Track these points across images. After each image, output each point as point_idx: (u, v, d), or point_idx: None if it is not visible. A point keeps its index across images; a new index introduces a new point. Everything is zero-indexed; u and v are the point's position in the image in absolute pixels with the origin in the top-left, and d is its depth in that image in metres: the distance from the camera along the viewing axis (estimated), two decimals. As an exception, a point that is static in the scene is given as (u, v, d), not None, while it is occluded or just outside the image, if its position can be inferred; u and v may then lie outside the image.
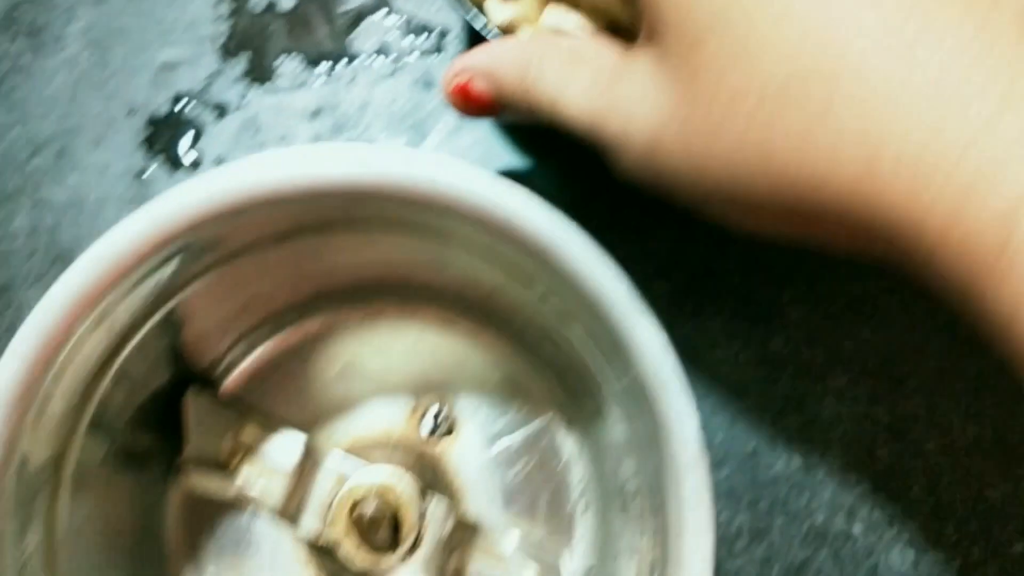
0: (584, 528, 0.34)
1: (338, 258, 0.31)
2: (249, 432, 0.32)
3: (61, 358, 0.24)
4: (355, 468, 0.32)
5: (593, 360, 0.28)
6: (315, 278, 0.33)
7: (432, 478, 0.33)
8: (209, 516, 0.33)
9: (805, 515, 0.39)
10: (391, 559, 0.31)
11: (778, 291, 0.41)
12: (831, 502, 0.39)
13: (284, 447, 0.32)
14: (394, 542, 0.31)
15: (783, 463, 0.40)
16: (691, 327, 0.40)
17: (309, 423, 0.34)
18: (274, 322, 0.34)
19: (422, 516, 0.31)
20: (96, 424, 0.28)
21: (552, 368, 0.34)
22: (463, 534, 0.32)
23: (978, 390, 0.40)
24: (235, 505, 0.33)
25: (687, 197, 0.25)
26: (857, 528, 0.39)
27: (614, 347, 0.25)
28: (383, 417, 0.34)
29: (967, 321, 0.22)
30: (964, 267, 0.20)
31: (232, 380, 0.34)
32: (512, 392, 0.34)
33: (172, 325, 0.29)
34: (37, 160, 0.41)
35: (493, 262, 0.29)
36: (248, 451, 0.32)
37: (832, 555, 0.39)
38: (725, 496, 0.39)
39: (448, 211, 0.25)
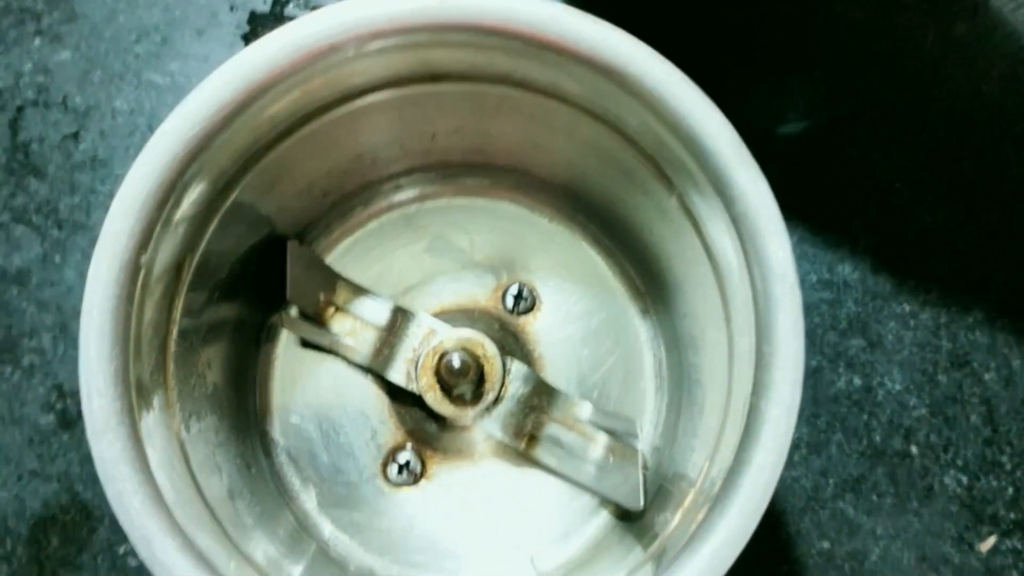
0: (653, 411, 0.35)
1: (434, 127, 0.33)
2: (341, 294, 0.34)
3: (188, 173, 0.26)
4: (443, 326, 0.33)
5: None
6: (411, 153, 0.34)
7: (512, 347, 0.34)
8: (300, 370, 0.34)
9: (863, 433, 0.40)
10: (472, 412, 0.32)
11: (849, 219, 0.42)
12: (889, 423, 0.40)
13: (374, 308, 0.34)
14: (476, 396, 0.32)
15: (844, 382, 0.40)
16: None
17: (396, 291, 0.35)
18: (370, 191, 0.35)
19: (504, 375, 0.32)
20: (201, 271, 0.29)
21: (633, 259, 0.35)
22: (541, 398, 0.33)
23: (1040, 327, 0.41)
24: (326, 359, 0.34)
25: None
26: (914, 449, 0.40)
27: (712, 194, 0.26)
28: (467, 290, 0.35)
29: None
30: None
31: (326, 245, 0.35)
32: (593, 278, 0.35)
33: (271, 177, 0.30)
34: (142, 46, 0.43)
35: (588, 146, 0.30)
36: (339, 310, 0.34)
37: (888, 473, 0.40)
38: (786, 409, 0.40)
39: (562, 53, 0.26)
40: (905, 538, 0.39)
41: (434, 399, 0.32)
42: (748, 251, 0.25)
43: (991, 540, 0.39)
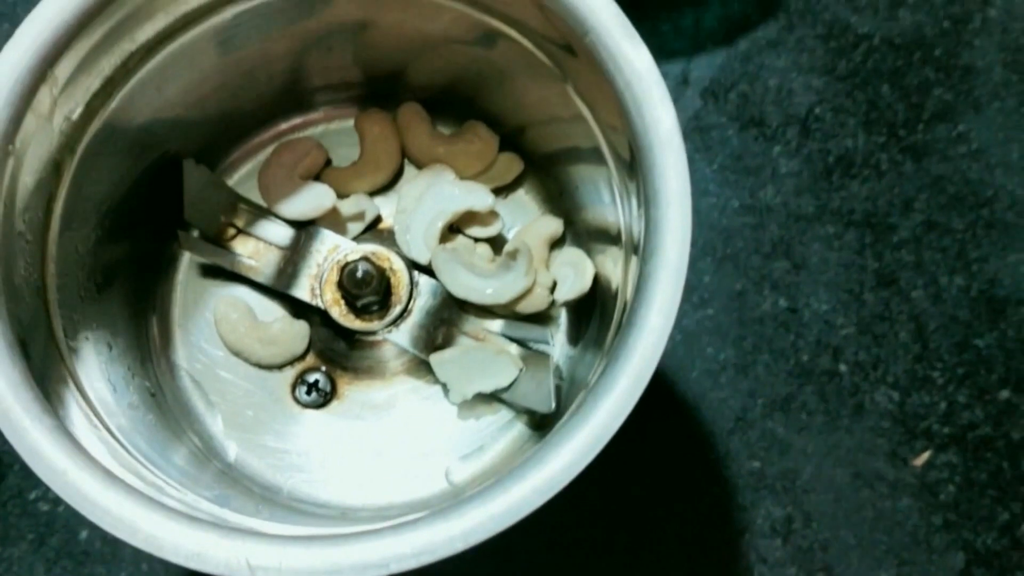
0: (565, 320, 0.34)
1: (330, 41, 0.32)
2: (242, 216, 0.33)
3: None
4: (347, 242, 0.32)
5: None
6: (311, 70, 0.33)
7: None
8: (202, 296, 0.33)
9: (790, 353, 0.39)
10: (379, 325, 0.31)
11: (769, 145, 0.42)
12: (817, 342, 0.40)
13: (277, 228, 0.33)
14: (383, 309, 0.31)
15: (769, 304, 0.40)
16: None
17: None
18: (270, 111, 0.35)
19: (412, 287, 0.32)
20: (83, 178, 0.28)
21: (538, 166, 0.35)
22: (451, 311, 0.32)
23: (964, 244, 0.41)
24: (228, 285, 0.33)
25: None
26: (843, 368, 0.39)
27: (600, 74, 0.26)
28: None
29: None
30: None
31: (226, 168, 0.35)
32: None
33: (156, 83, 0.29)
34: None
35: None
36: (241, 232, 0.33)
37: (817, 391, 0.39)
38: (711, 332, 0.40)
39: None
40: (837, 455, 0.39)
41: (339, 313, 0.31)
42: (635, 120, 0.25)
43: (925, 455, 0.39)
